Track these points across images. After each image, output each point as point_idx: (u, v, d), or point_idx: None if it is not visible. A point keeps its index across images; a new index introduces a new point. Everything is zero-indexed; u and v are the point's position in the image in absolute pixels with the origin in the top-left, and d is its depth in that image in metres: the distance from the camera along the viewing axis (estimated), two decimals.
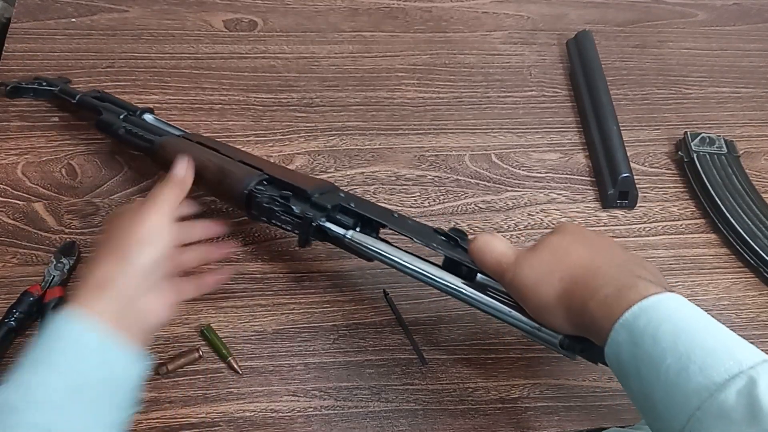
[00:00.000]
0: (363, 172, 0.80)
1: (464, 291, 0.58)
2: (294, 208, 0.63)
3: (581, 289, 0.50)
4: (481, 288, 0.58)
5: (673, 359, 0.44)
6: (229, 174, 0.66)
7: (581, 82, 0.89)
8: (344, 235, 0.62)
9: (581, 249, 0.54)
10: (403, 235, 0.62)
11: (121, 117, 0.74)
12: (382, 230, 0.64)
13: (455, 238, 0.60)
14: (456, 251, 0.59)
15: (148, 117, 0.76)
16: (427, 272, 0.59)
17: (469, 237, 0.60)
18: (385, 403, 0.64)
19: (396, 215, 0.63)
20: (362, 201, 0.65)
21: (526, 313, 0.55)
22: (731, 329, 0.46)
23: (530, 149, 0.84)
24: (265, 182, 0.66)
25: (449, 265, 0.60)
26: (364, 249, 0.62)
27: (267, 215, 0.65)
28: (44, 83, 0.81)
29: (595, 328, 0.49)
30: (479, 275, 0.58)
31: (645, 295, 0.47)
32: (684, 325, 0.45)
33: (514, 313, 0.56)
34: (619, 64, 0.95)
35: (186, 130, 0.75)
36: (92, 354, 0.51)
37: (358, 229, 0.63)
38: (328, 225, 0.63)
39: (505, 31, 0.97)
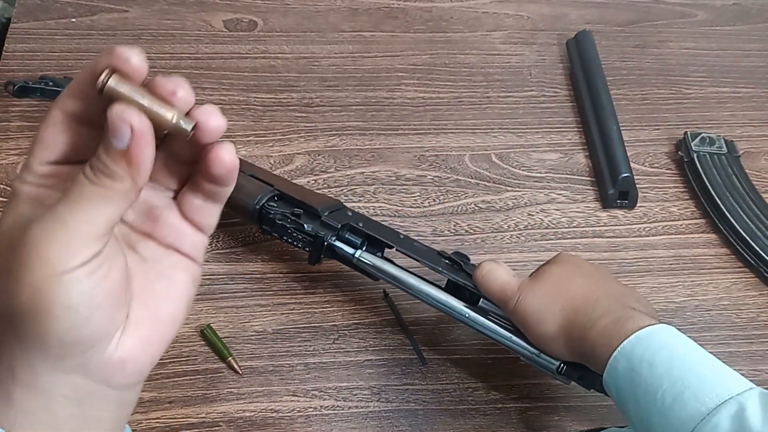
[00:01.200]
0: (363, 172, 0.80)
1: (467, 315, 0.60)
2: (306, 226, 0.64)
3: (581, 319, 0.53)
4: (483, 312, 0.60)
5: (669, 385, 0.47)
6: (241, 188, 0.66)
7: (581, 82, 0.89)
8: (353, 255, 0.63)
9: (580, 280, 0.57)
10: (409, 257, 0.63)
11: None
12: (387, 249, 0.65)
13: (459, 262, 0.62)
14: (459, 275, 0.61)
15: None
16: (433, 296, 0.61)
17: (473, 263, 0.62)
18: (385, 403, 0.64)
19: (402, 236, 0.64)
20: (370, 221, 0.66)
21: (525, 339, 0.57)
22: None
23: (530, 149, 0.84)
24: (275, 198, 0.66)
25: (452, 288, 0.62)
26: (371, 269, 0.63)
27: (279, 232, 0.65)
28: (51, 83, 0.81)
29: (594, 355, 0.52)
30: (482, 300, 0.60)
31: (642, 325, 0.50)
32: (678, 354, 0.49)
33: (514, 338, 0.58)
34: (619, 64, 0.95)
35: None
36: None
37: (364, 248, 0.64)
38: (338, 244, 0.64)
39: (505, 31, 0.97)
